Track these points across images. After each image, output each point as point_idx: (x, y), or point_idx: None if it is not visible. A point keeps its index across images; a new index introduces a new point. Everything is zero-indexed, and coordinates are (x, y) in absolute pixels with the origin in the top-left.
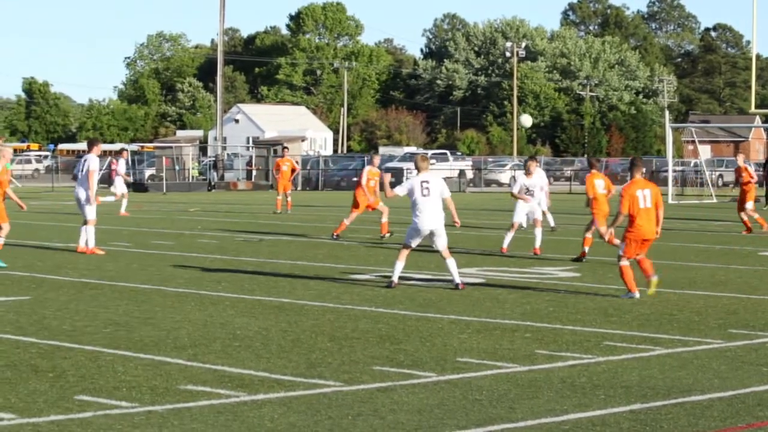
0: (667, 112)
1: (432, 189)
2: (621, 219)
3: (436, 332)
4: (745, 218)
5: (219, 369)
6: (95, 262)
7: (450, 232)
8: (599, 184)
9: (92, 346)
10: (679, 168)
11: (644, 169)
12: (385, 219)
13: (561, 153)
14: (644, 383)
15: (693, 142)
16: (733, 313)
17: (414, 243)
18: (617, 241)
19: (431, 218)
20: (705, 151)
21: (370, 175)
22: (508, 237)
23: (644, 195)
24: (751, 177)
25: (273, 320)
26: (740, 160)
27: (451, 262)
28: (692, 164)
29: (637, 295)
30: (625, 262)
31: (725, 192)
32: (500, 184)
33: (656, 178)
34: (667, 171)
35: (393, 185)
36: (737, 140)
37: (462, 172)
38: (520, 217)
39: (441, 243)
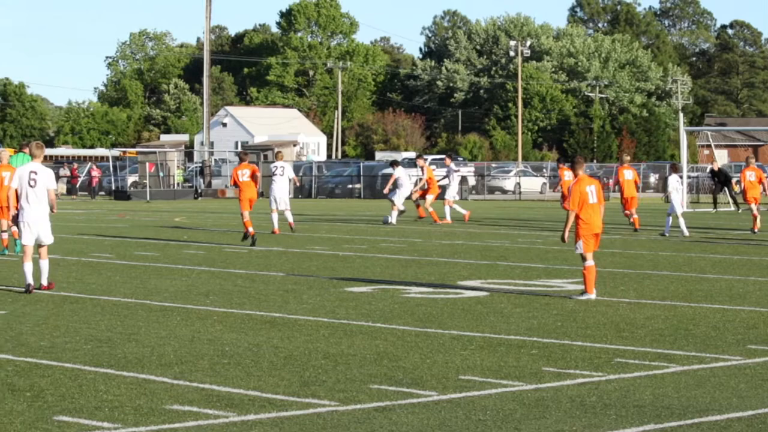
0: (681, 115)
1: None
2: (572, 218)
3: (437, 349)
4: None
5: (207, 388)
6: (75, 274)
7: (452, 243)
8: (245, 173)
9: (72, 364)
10: (694, 174)
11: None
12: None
13: (568, 158)
14: (658, 402)
15: (709, 146)
16: (752, 327)
17: None
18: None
19: None
20: (722, 156)
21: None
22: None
23: (591, 191)
24: None
25: (264, 336)
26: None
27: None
28: (708, 170)
29: (593, 296)
30: (589, 263)
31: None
32: (504, 191)
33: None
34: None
35: None
36: (756, 144)
37: (464, 179)
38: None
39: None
